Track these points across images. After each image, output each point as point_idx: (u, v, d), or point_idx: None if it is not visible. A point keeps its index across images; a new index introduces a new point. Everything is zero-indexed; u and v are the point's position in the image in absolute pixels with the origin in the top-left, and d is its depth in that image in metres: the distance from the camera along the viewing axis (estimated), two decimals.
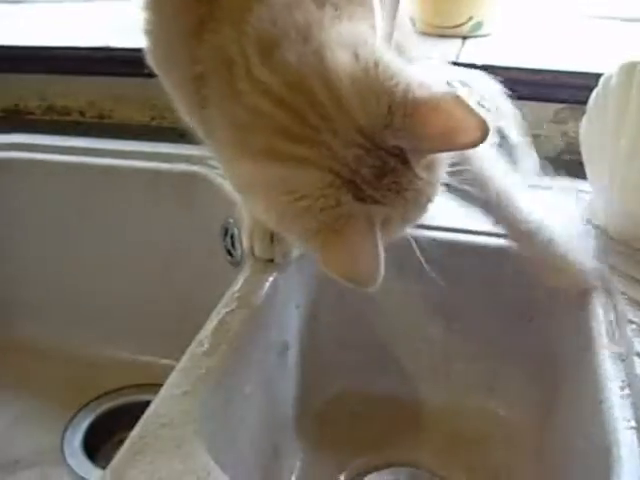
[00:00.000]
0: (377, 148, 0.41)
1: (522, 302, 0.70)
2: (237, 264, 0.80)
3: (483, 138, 0.39)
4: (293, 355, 0.70)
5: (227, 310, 0.60)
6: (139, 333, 0.91)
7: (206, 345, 0.55)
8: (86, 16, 1.14)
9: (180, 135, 0.86)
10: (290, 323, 0.69)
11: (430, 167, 0.43)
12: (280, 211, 0.44)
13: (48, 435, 0.83)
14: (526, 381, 0.72)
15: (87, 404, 0.87)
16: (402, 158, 0.42)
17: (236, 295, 0.62)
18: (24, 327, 0.95)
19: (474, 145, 0.40)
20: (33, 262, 0.95)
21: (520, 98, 0.82)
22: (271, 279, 0.64)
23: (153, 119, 0.97)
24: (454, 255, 0.70)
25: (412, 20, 0.96)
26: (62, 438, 0.83)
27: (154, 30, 0.51)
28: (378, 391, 0.76)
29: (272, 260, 0.65)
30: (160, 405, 0.49)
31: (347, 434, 0.74)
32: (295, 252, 0.66)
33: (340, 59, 0.41)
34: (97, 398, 0.88)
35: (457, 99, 0.39)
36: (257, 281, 0.64)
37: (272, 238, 0.65)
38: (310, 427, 0.73)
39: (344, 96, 0.40)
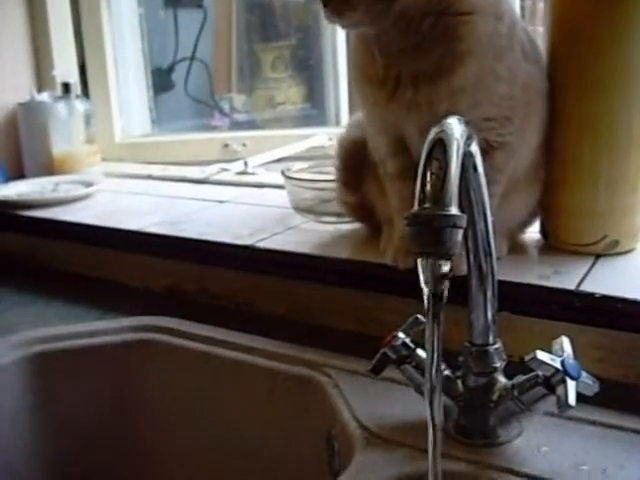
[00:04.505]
0: None
1: None
2: (336, 475, 0.81)
3: None
4: None
5: None
6: None
7: None
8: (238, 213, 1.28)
9: (308, 333, 0.93)
10: None
11: None
12: None
13: None
14: None
15: None
16: None
17: None
18: None
19: None
20: (158, 435, 1.04)
21: None
22: None
23: (289, 311, 1.03)
24: None
25: (543, 233, 0.95)
26: None
27: None
28: None
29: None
30: None
31: None
32: None
33: None
34: None
35: None
36: None
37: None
38: None
39: None
